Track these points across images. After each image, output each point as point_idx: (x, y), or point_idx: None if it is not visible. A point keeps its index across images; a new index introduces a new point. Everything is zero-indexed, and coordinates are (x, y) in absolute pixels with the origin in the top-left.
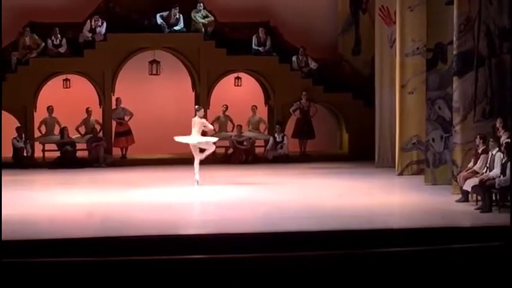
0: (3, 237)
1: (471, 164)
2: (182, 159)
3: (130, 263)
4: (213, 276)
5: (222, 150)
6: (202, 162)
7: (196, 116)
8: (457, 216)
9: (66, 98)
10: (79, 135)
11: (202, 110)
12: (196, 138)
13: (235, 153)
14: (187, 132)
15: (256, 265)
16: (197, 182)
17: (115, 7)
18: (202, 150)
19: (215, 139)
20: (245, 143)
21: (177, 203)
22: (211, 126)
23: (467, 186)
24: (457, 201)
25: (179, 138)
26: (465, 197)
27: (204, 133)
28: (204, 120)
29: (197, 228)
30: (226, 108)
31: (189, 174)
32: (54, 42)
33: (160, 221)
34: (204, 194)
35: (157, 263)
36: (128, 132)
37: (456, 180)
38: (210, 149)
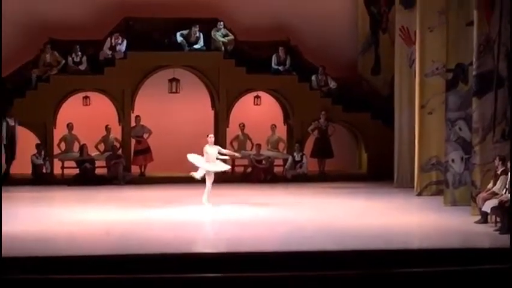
0: (22, 254)
1: (490, 185)
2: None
3: (149, 281)
4: None
5: (241, 169)
6: (221, 181)
7: (209, 144)
8: (476, 238)
9: (86, 115)
10: (98, 152)
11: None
12: (212, 165)
13: (254, 172)
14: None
15: (276, 284)
16: (205, 203)
17: (135, 25)
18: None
19: (228, 167)
20: (264, 162)
21: (196, 221)
22: (225, 151)
23: (487, 207)
24: (476, 222)
25: (193, 158)
26: (484, 218)
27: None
28: (218, 147)
29: (216, 246)
30: (244, 126)
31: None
32: (75, 60)
33: (179, 239)
34: (223, 213)
35: (175, 281)
36: (147, 150)
37: (475, 201)
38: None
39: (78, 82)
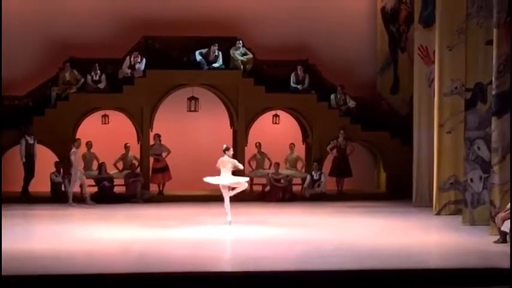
0: (41, 272)
1: (509, 204)
2: (219, 196)
3: None
4: None
5: (259, 188)
6: (239, 200)
7: (226, 156)
8: (495, 257)
9: (105, 134)
10: (117, 170)
11: (232, 149)
12: (228, 178)
13: (272, 191)
14: None
15: None
16: (229, 222)
17: (154, 44)
18: (233, 188)
19: (246, 179)
20: (282, 181)
21: (214, 240)
22: (241, 166)
23: (506, 227)
24: (495, 242)
25: (209, 179)
26: (503, 238)
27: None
28: (234, 160)
29: (233, 265)
30: (260, 145)
31: (225, 211)
32: (94, 78)
33: (197, 258)
34: (241, 232)
35: None
36: (165, 169)
37: (494, 221)
38: (242, 187)
39: (97, 100)
